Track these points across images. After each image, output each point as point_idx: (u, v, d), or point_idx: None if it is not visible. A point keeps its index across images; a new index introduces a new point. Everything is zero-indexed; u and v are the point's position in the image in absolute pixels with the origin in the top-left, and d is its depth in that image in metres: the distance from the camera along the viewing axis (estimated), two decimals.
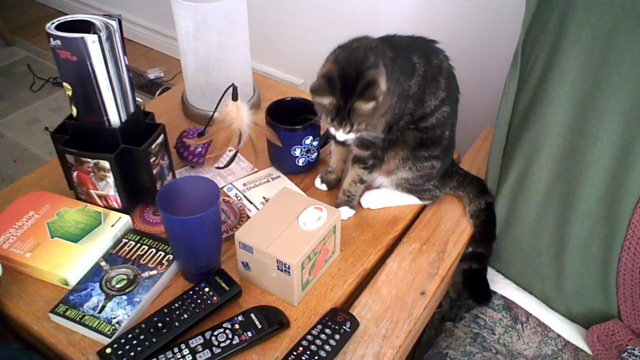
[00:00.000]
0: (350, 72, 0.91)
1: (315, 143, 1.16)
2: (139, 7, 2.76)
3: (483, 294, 1.12)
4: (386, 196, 1.13)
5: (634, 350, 0.99)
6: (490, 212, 1.13)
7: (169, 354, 0.82)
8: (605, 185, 0.95)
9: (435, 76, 1.01)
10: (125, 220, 1.03)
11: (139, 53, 2.82)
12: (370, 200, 1.13)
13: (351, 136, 0.97)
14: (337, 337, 0.86)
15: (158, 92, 2.49)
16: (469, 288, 1.11)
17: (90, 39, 0.90)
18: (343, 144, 1.09)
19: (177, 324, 0.86)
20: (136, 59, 2.76)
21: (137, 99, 1.05)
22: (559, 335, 1.07)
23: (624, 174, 0.93)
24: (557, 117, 0.98)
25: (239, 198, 1.14)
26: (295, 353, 0.84)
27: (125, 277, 0.94)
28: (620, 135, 0.92)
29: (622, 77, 0.90)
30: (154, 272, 0.95)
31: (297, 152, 1.15)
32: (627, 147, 0.92)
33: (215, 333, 0.85)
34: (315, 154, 1.19)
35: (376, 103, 0.90)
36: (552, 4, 0.97)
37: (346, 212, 1.09)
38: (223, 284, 0.92)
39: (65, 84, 0.97)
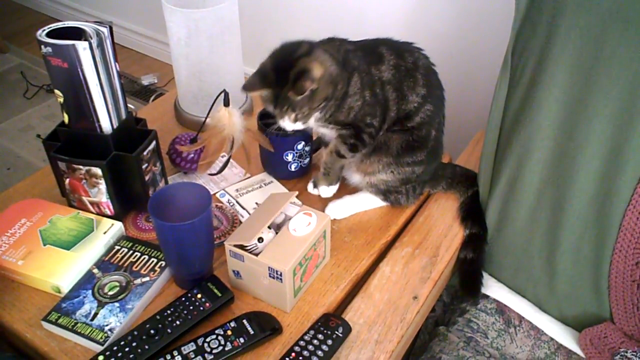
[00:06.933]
0: (282, 63, 0.97)
1: (307, 148, 1.17)
2: (133, 14, 2.77)
3: (472, 288, 1.13)
4: (350, 204, 1.13)
5: (627, 352, 0.99)
6: (476, 195, 1.17)
7: None
8: (595, 188, 0.96)
9: (411, 71, 1.03)
10: (117, 227, 1.03)
11: (133, 59, 2.82)
12: (335, 210, 1.12)
13: (299, 125, 1.00)
14: (329, 342, 0.86)
15: (152, 98, 2.49)
16: (460, 279, 1.13)
17: (81, 46, 0.91)
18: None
19: (169, 330, 0.86)
20: (130, 65, 2.76)
21: (129, 105, 1.05)
22: (551, 339, 1.08)
23: (614, 176, 0.93)
24: (547, 121, 0.98)
25: (231, 204, 1.14)
26: (287, 359, 0.84)
27: (117, 284, 0.94)
28: (609, 138, 0.92)
29: (611, 80, 0.90)
30: (147, 278, 0.95)
31: (290, 158, 1.15)
32: (617, 150, 0.92)
33: (208, 339, 0.85)
34: (308, 159, 1.19)
35: (310, 90, 0.94)
36: (542, 8, 0.97)
37: (325, 191, 1.10)
38: (215, 290, 0.92)
39: (56, 90, 0.97)
